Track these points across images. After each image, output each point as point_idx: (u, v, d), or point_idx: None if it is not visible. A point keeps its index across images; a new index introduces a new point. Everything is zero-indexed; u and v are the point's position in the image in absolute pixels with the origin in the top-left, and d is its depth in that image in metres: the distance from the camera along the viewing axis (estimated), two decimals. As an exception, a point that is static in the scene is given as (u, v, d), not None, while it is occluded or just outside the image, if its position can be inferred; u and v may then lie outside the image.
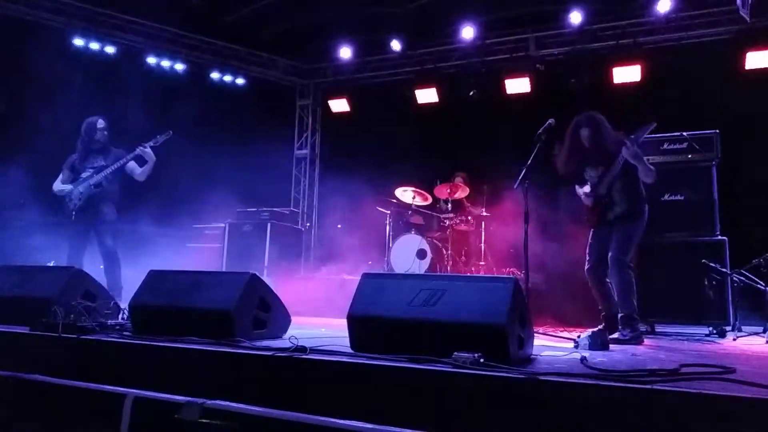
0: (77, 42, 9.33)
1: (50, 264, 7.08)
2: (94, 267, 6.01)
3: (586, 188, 5.08)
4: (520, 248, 5.16)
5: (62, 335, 3.59)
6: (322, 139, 11.80)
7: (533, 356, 3.25)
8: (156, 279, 4.11)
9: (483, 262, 7.92)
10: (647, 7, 8.61)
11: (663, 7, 8.37)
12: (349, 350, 3.13)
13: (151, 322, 3.79)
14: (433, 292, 3.10)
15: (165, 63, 10.07)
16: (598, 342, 3.89)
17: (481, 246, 7.99)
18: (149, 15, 9.72)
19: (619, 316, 4.69)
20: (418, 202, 8.50)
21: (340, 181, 9.02)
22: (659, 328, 5.81)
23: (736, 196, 6.87)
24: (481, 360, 2.62)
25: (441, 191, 8.35)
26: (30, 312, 3.96)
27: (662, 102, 8.10)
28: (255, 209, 9.19)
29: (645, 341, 4.65)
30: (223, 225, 9.20)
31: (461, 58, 10.00)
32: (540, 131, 5.02)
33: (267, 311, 3.93)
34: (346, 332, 3.26)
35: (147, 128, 6.29)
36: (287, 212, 9.83)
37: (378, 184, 8.70)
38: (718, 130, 5.98)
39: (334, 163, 10.86)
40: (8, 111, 8.45)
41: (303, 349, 3.01)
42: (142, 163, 6.23)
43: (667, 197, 5.99)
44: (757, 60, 7.94)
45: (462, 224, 8.15)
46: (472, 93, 9.57)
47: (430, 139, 9.93)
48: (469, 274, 7.59)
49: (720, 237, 5.75)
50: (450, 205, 8.34)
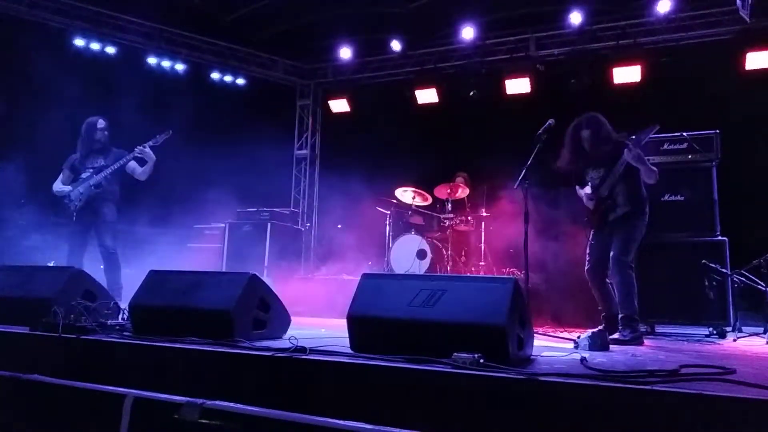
0: (78, 42, 9.35)
1: (50, 264, 7.09)
2: (94, 267, 6.01)
3: (587, 189, 5.07)
4: (520, 248, 5.15)
5: (62, 335, 3.58)
6: (323, 139, 11.81)
7: (533, 357, 3.24)
8: (156, 279, 4.11)
9: (483, 263, 7.92)
10: (647, 7, 8.62)
11: (663, 7, 8.37)
12: (349, 351, 3.13)
13: (151, 322, 3.78)
14: (432, 293, 3.10)
15: (165, 63, 10.08)
16: (598, 342, 3.89)
17: (481, 246, 7.99)
18: (150, 15, 9.74)
19: (620, 316, 4.69)
20: (418, 202, 8.51)
21: (340, 181, 9.02)
22: (659, 329, 5.81)
23: (736, 197, 6.86)
24: (481, 360, 2.61)
25: (441, 191, 8.36)
26: (30, 312, 3.96)
27: (662, 102, 8.10)
28: (255, 209, 9.19)
29: (645, 342, 4.65)
30: (223, 225, 9.21)
31: (461, 59, 10.01)
32: (540, 131, 5.01)
33: (267, 311, 3.93)
34: (345, 333, 3.26)
35: (147, 128, 6.29)
36: (287, 212, 9.83)
37: (378, 185, 8.69)
38: (718, 131, 5.98)
39: (334, 163, 10.87)
40: (8, 111, 8.45)
41: (303, 350, 3.01)
42: (142, 163, 6.24)
43: (667, 197, 5.99)
44: (757, 60, 7.94)
45: (462, 224, 8.14)
46: (472, 93, 9.57)
47: (430, 139, 9.93)
48: (468, 275, 7.59)
49: (720, 237, 5.75)
50: (450, 205, 8.34)
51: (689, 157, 6.00)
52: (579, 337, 3.99)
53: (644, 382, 2.31)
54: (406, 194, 8.46)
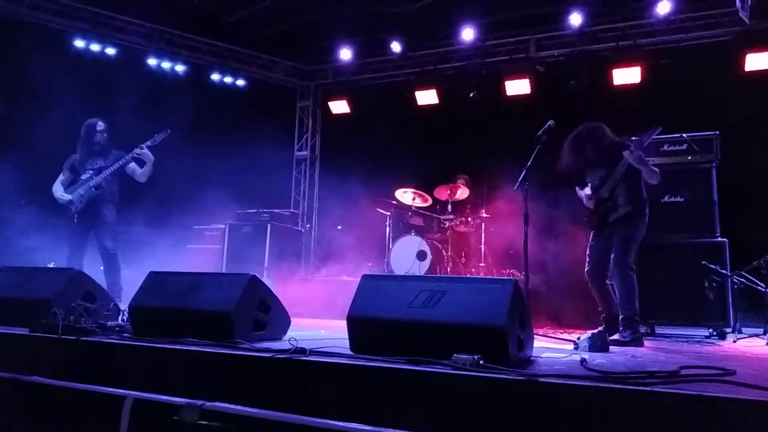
0: (78, 43, 9.35)
1: (50, 265, 7.09)
2: (94, 268, 6.01)
3: (587, 190, 5.07)
4: (520, 250, 5.15)
5: (62, 337, 3.58)
6: (323, 140, 11.81)
7: (533, 358, 3.24)
8: (156, 280, 4.11)
9: (483, 264, 7.91)
10: (647, 8, 8.62)
11: (663, 8, 8.38)
12: (349, 352, 3.12)
13: (151, 324, 3.78)
14: (432, 294, 3.09)
15: (165, 64, 10.08)
16: (598, 344, 3.89)
17: (481, 247, 7.99)
18: (150, 16, 9.74)
19: (621, 317, 4.69)
20: (418, 203, 8.51)
21: (340, 182, 9.02)
22: (659, 330, 5.81)
23: (736, 198, 6.86)
24: (481, 362, 2.61)
25: (441, 193, 8.36)
26: (29, 313, 3.96)
27: (662, 104, 8.10)
28: (255, 210, 9.20)
29: (645, 343, 4.66)
30: (223, 226, 9.21)
31: (461, 60, 10.00)
32: (540, 133, 5.01)
33: (267, 313, 3.93)
34: (345, 334, 3.25)
35: (147, 130, 6.29)
36: (287, 213, 9.83)
37: (378, 186, 8.69)
38: (717, 132, 5.99)
39: (335, 164, 10.85)
40: (8, 112, 8.46)
41: (303, 351, 3.01)
42: (141, 164, 6.24)
43: (667, 199, 5.99)
44: (756, 62, 7.94)
45: (462, 226, 8.14)
46: (472, 94, 9.57)
47: (430, 140, 9.93)
48: (468, 276, 7.58)
49: (720, 238, 5.75)
50: (450, 206, 8.34)
51: (689, 158, 6.00)
52: (579, 338, 3.99)
53: (644, 384, 2.31)
54: (406, 195, 8.46)
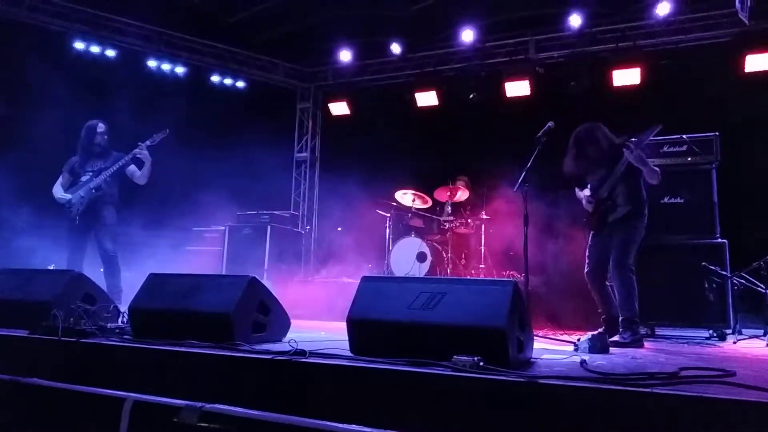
0: (78, 45, 9.35)
1: (50, 267, 7.08)
2: (94, 270, 6.01)
3: (586, 191, 5.07)
4: (520, 251, 5.15)
5: (62, 339, 3.58)
6: (322, 142, 11.80)
7: (533, 359, 3.24)
8: (155, 282, 4.11)
9: (483, 265, 7.91)
10: (647, 10, 8.62)
11: (662, 10, 8.37)
12: (349, 354, 3.12)
13: (151, 326, 3.78)
14: (432, 296, 3.10)
15: (165, 66, 10.07)
16: (598, 345, 3.89)
17: (481, 249, 7.99)
18: (149, 18, 9.74)
19: (620, 319, 4.69)
20: (418, 205, 8.51)
21: (340, 184, 9.02)
22: (659, 331, 5.81)
23: (736, 199, 6.85)
24: (481, 363, 2.61)
25: (441, 194, 8.36)
26: (29, 315, 3.96)
27: (662, 105, 8.10)
28: (255, 212, 9.20)
29: (645, 344, 4.65)
30: (223, 228, 9.21)
31: (461, 61, 10.00)
32: (540, 134, 5.01)
33: (266, 314, 3.93)
34: (345, 335, 3.25)
35: (147, 132, 6.29)
36: (287, 215, 9.83)
37: (378, 187, 8.69)
38: (717, 133, 5.98)
39: (334, 166, 10.85)
40: (8, 113, 8.46)
41: (302, 353, 3.00)
42: (140, 165, 6.24)
43: (666, 200, 5.99)
44: (756, 63, 7.93)
45: (462, 227, 8.14)
46: (471, 96, 9.57)
47: (429, 142, 9.92)
48: (468, 277, 7.58)
49: (720, 240, 5.75)
50: (450, 208, 8.34)
51: (689, 159, 6.00)
52: (579, 339, 3.99)
53: (644, 385, 2.31)
54: (406, 197, 8.47)
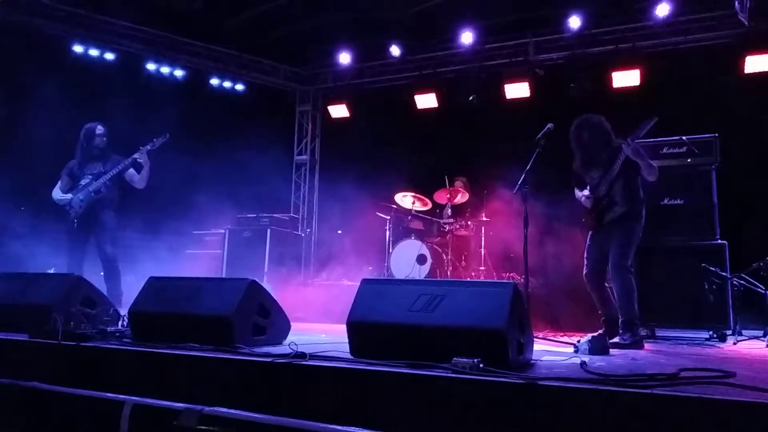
0: (77, 49, 9.36)
1: (50, 271, 7.08)
2: (94, 274, 6.01)
3: (585, 192, 5.08)
4: (520, 253, 5.15)
5: (62, 342, 3.58)
6: (322, 144, 11.80)
7: (533, 361, 3.24)
8: (155, 285, 4.11)
9: (483, 267, 7.91)
10: (646, 11, 8.62)
11: (662, 11, 8.37)
12: (349, 356, 3.12)
13: (151, 329, 3.78)
14: (432, 298, 3.09)
15: (164, 69, 10.07)
16: (598, 346, 3.88)
17: (481, 251, 7.99)
18: (148, 21, 9.74)
19: (620, 320, 4.68)
20: (418, 207, 8.51)
21: (339, 186, 9.03)
22: (659, 333, 5.80)
23: (735, 200, 6.86)
24: (481, 365, 2.61)
25: (441, 196, 8.36)
26: (29, 319, 3.96)
27: (661, 106, 8.05)
28: (255, 215, 9.19)
29: (645, 345, 4.65)
30: (223, 231, 9.21)
31: (460, 63, 10.01)
32: (539, 136, 5.01)
33: (266, 317, 3.92)
34: (345, 338, 3.25)
35: (146, 135, 6.29)
36: (287, 218, 9.83)
37: (377, 190, 8.70)
38: (717, 134, 5.98)
39: (334, 168, 10.86)
40: (7, 117, 8.46)
41: (302, 356, 3.00)
42: (139, 169, 6.22)
43: (666, 201, 5.98)
44: (756, 64, 7.94)
45: (462, 229, 8.14)
46: (471, 98, 9.57)
47: (429, 144, 9.93)
48: (468, 279, 7.58)
49: (720, 241, 5.74)
50: (450, 210, 8.34)
51: (689, 160, 5.99)
52: (579, 341, 3.98)
53: (644, 386, 2.31)
54: (405, 199, 8.47)
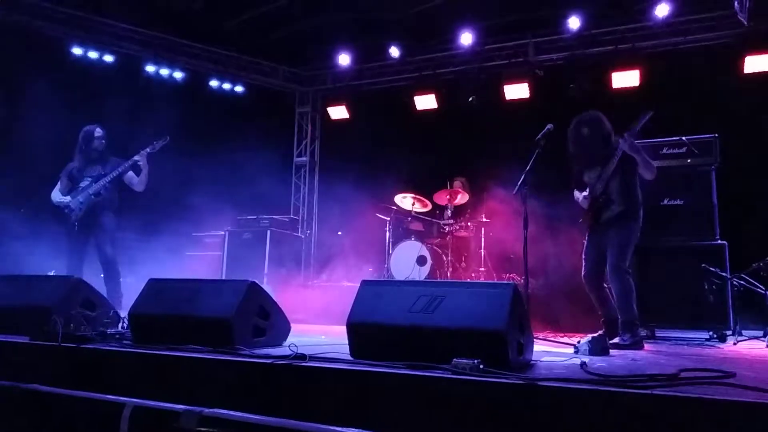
0: (76, 51, 9.36)
1: (50, 273, 7.08)
2: (94, 276, 6.01)
3: (585, 192, 5.08)
4: (520, 254, 5.15)
5: (62, 344, 3.58)
6: (322, 146, 11.80)
7: (533, 362, 3.24)
8: (155, 287, 4.11)
9: (483, 268, 7.91)
10: (645, 11, 8.63)
11: (661, 11, 8.38)
12: (349, 357, 3.13)
13: (151, 331, 3.78)
14: (432, 299, 3.09)
15: (164, 71, 10.06)
16: (598, 347, 3.88)
17: (481, 252, 7.98)
18: (148, 23, 9.75)
19: (620, 321, 4.68)
20: (418, 208, 8.51)
21: (339, 188, 9.02)
22: (659, 333, 5.79)
23: (735, 200, 6.86)
24: (481, 366, 2.61)
25: (440, 197, 8.36)
26: (29, 321, 3.96)
27: (661, 106, 8.06)
28: (254, 217, 9.20)
29: (645, 346, 4.65)
30: (223, 233, 9.21)
31: (460, 64, 10.02)
32: (539, 136, 5.01)
33: (266, 319, 3.92)
34: (345, 339, 3.25)
35: (145, 137, 6.29)
36: (287, 220, 9.84)
37: (377, 191, 8.70)
38: (717, 135, 5.98)
39: (334, 169, 10.86)
40: (7, 119, 8.46)
41: (302, 357, 3.00)
42: (138, 171, 6.23)
43: (666, 201, 5.99)
44: (755, 64, 7.95)
45: (462, 230, 8.14)
46: (471, 99, 9.58)
47: (429, 145, 9.93)
48: (468, 280, 7.58)
49: (720, 241, 5.74)
50: (450, 211, 8.34)
51: (688, 161, 6.00)
52: (579, 341, 3.98)
53: (644, 387, 2.31)
54: (405, 200, 8.47)
